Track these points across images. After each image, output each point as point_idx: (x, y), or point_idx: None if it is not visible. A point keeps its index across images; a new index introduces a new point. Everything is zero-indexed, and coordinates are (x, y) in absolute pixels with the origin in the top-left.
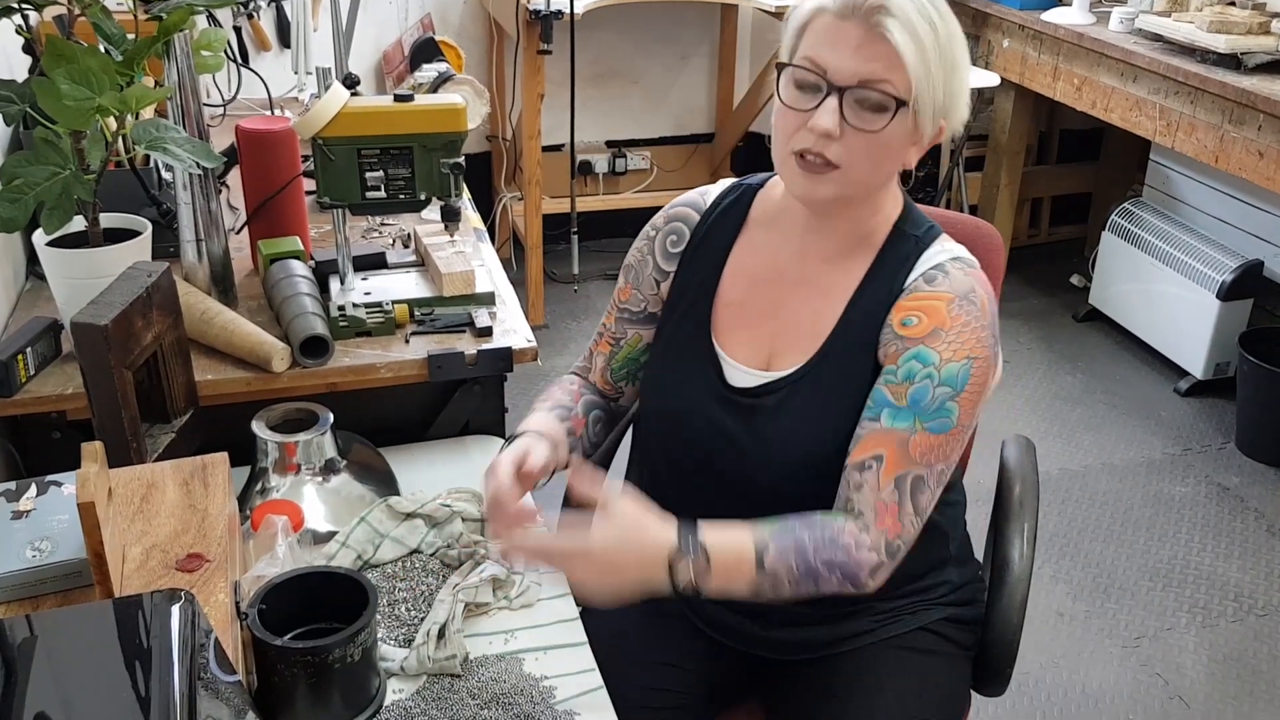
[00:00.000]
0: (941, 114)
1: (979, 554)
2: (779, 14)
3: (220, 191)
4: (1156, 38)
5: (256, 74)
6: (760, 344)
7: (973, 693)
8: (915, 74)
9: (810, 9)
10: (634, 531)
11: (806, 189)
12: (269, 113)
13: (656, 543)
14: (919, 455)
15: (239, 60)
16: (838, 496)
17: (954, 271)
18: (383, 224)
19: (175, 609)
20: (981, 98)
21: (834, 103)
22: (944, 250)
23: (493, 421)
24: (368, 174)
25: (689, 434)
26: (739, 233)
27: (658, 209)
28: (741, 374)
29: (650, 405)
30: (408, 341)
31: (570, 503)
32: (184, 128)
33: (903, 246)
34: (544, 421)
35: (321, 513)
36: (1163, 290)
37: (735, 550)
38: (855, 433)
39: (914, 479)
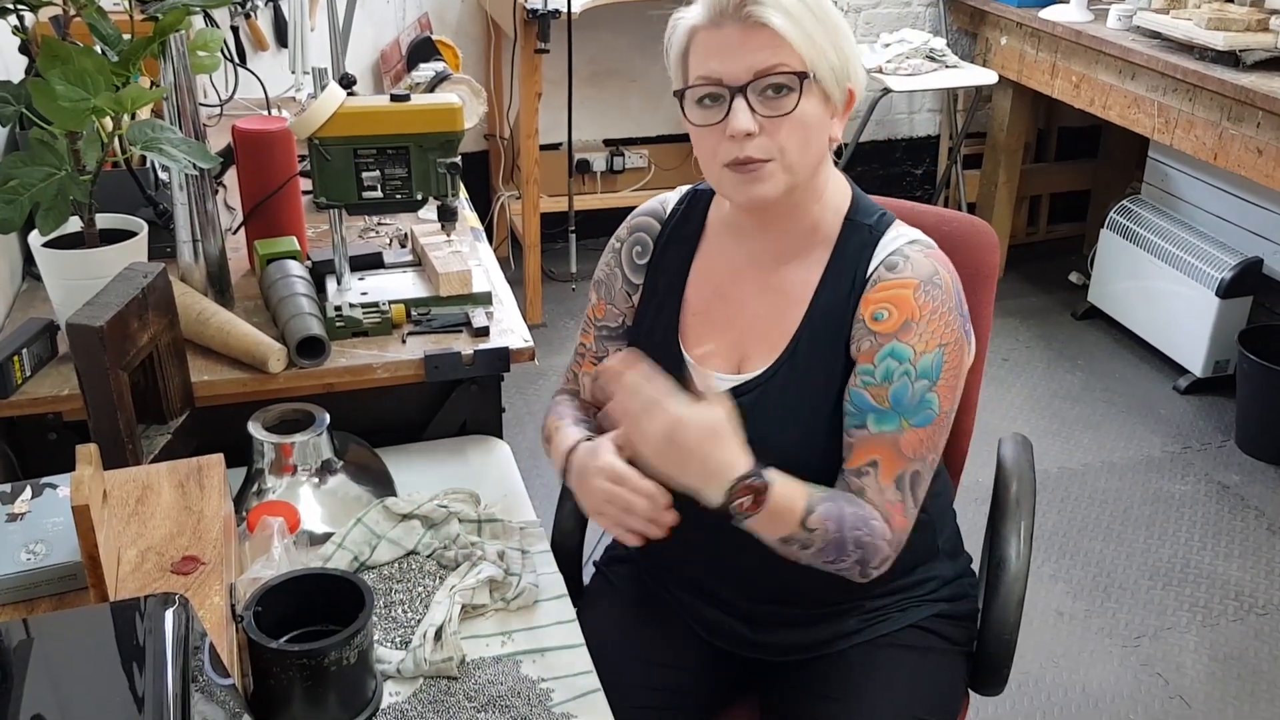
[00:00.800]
0: (843, 77)
1: (972, 550)
2: None
3: (217, 192)
4: (1154, 35)
5: (253, 74)
6: (729, 350)
7: (971, 692)
8: (801, 46)
9: (684, 32)
10: (720, 436)
11: (750, 192)
12: (266, 113)
13: (732, 459)
14: (911, 452)
15: (236, 60)
16: None
17: (914, 255)
18: (379, 224)
19: (169, 613)
20: (980, 95)
21: (741, 102)
22: (900, 235)
23: (490, 421)
24: (364, 174)
25: None
26: (699, 241)
27: None
28: (709, 381)
29: None
30: (404, 342)
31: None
32: (180, 128)
33: (858, 237)
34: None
35: (318, 514)
36: (1162, 288)
37: (791, 499)
38: (844, 439)
39: (911, 475)
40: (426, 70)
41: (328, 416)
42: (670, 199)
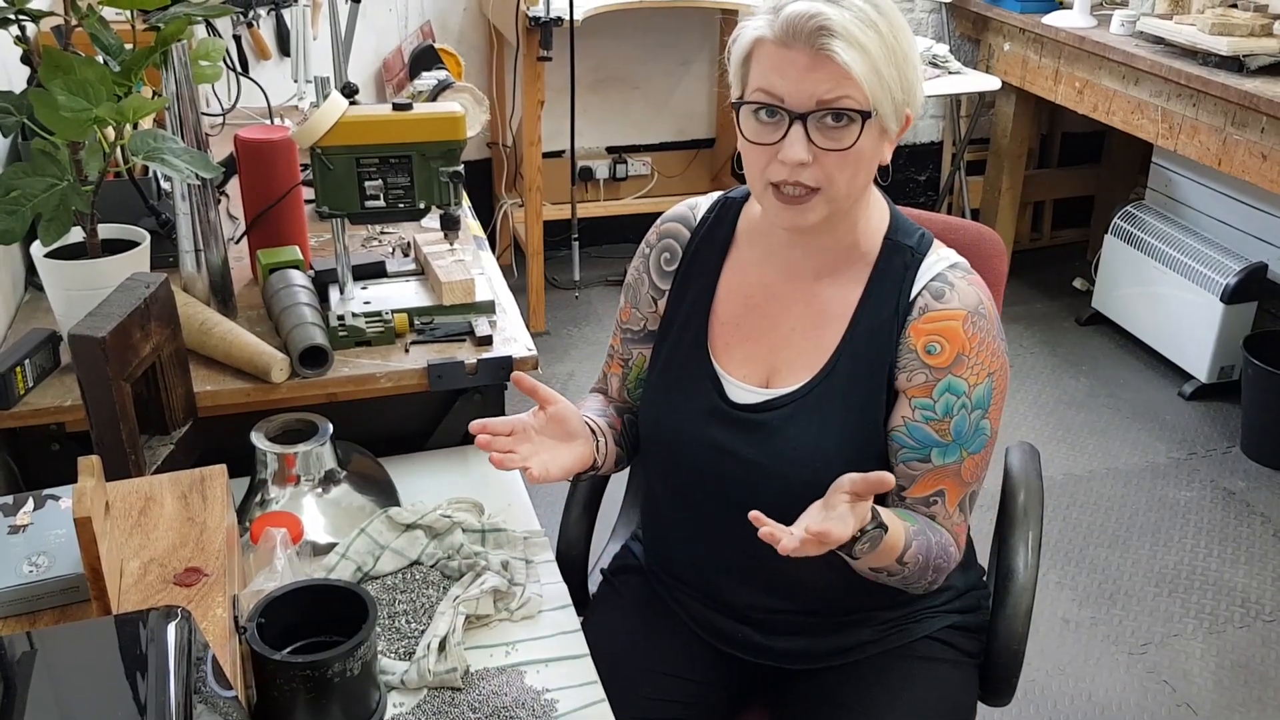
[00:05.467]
0: (903, 107)
1: (983, 560)
2: None
3: (219, 201)
4: (1158, 40)
5: (256, 83)
6: (759, 362)
7: (978, 702)
8: (869, 85)
9: (749, 39)
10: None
11: (791, 219)
12: (268, 122)
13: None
14: (970, 476)
15: (238, 69)
16: None
17: (959, 283)
18: (382, 233)
19: (171, 626)
20: (983, 101)
21: (799, 130)
22: (941, 258)
23: None
24: (367, 183)
25: (692, 452)
26: (728, 250)
27: (659, 215)
28: (743, 391)
29: (652, 427)
30: (407, 351)
31: None
32: (182, 138)
33: (899, 258)
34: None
35: (321, 524)
36: (1166, 293)
37: (894, 541)
38: (901, 469)
39: (970, 496)
40: (429, 78)
41: (331, 426)
42: (701, 205)
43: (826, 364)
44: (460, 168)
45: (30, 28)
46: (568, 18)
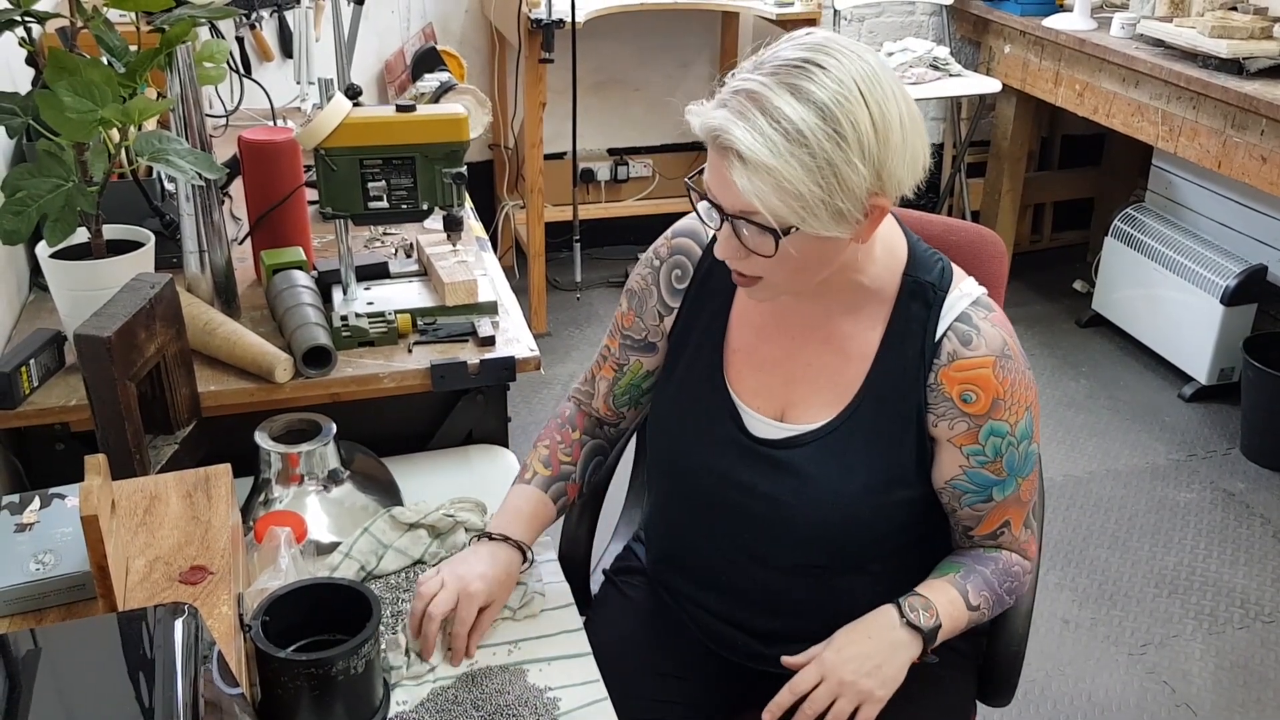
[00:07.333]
0: (862, 202)
1: None
2: (780, 22)
3: (223, 202)
4: (1158, 43)
5: (259, 84)
6: (774, 394)
7: (978, 703)
8: (773, 206)
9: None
10: (845, 629)
11: (747, 294)
12: (271, 123)
13: (874, 615)
14: (1028, 496)
15: (241, 71)
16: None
17: (983, 326)
18: (385, 234)
19: (178, 623)
20: (983, 104)
21: (728, 229)
22: (963, 294)
23: (496, 431)
24: (370, 184)
25: (709, 484)
26: None
27: (660, 216)
28: (763, 425)
29: (665, 456)
30: (410, 351)
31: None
32: (186, 139)
33: (921, 297)
34: (530, 504)
35: (325, 523)
36: (1166, 295)
37: (944, 594)
38: (967, 512)
39: (1032, 510)
40: (431, 80)
41: (334, 426)
42: None
43: (850, 404)
44: (463, 169)
45: (35, 29)
46: (569, 20)
